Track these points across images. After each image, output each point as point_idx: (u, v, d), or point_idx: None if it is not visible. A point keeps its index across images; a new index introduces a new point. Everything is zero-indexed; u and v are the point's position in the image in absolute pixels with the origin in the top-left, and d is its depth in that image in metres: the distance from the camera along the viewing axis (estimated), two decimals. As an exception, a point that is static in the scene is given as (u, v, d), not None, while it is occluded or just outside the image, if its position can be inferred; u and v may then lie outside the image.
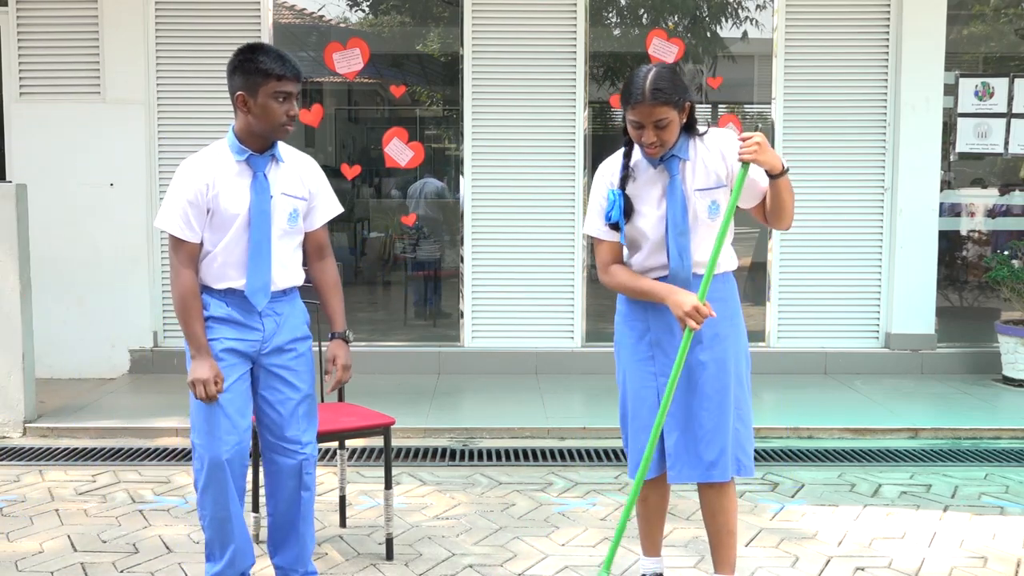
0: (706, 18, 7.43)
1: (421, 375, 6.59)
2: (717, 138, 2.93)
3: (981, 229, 7.47)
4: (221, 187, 2.92)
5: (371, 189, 7.77)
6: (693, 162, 2.90)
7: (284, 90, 2.92)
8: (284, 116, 2.93)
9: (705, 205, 2.89)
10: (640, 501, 3.11)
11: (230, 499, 2.96)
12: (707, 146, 2.92)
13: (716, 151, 2.91)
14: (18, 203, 5.25)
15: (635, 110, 2.77)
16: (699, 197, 2.89)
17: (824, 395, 6.20)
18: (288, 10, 7.05)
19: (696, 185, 2.89)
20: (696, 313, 2.79)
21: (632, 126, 2.82)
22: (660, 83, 2.75)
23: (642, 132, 2.79)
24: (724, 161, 2.90)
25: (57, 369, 6.57)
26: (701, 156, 2.90)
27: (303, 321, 3.15)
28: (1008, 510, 4.18)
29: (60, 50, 6.55)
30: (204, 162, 2.96)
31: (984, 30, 7.45)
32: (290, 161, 3.09)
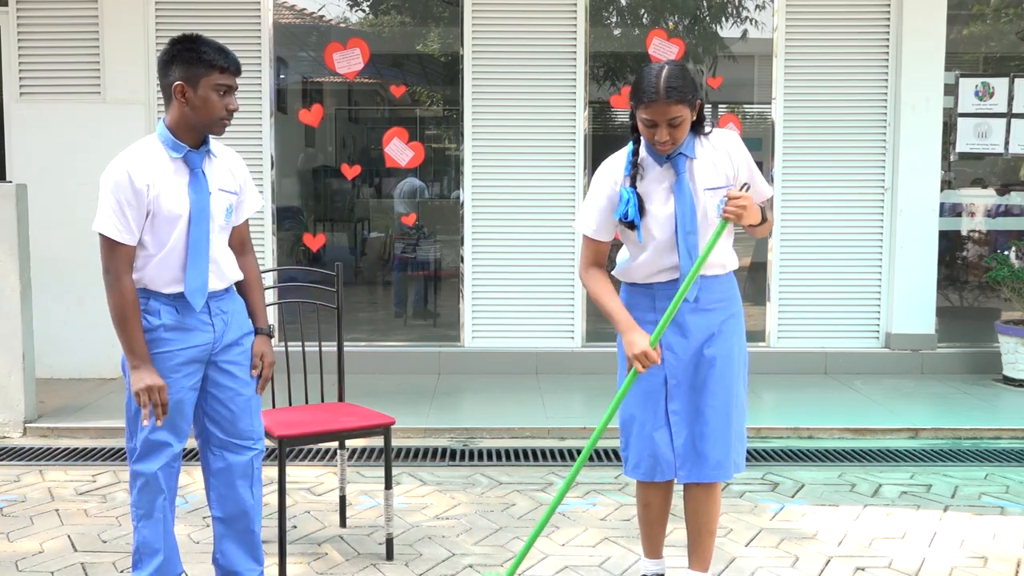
0: (706, 18, 7.43)
1: (421, 375, 6.59)
2: (723, 138, 2.92)
3: (981, 229, 7.47)
4: (161, 187, 2.80)
5: (371, 189, 7.77)
6: (701, 160, 2.88)
7: (226, 83, 2.82)
8: (224, 110, 2.83)
9: (715, 204, 2.86)
10: (644, 506, 3.11)
11: (167, 506, 2.94)
12: (713, 145, 2.90)
13: (723, 151, 2.90)
14: (18, 203, 5.25)
15: (649, 108, 2.74)
16: (708, 196, 2.87)
17: (824, 395, 6.20)
18: (288, 10, 7.05)
19: (705, 184, 2.87)
20: (644, 358, 2.80)
21: (644, 124, 2.79)
22: (674, 81, 2.74)
23: (655, 131, 2.77)
24: (731, 161, 2.90)
25: (57, 369, 6.57)
26: (708, 155, 2.89)
27: (245, 316, 3.10)
28: (1008, 510, 4.18)
29: (60, 50, 6.55)
30: (139, 161, 2.80)
31: (984, 30, 7.45)
32: (220, 155, 2.99)
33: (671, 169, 2.87)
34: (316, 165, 7.69)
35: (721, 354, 2.96)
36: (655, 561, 3.20)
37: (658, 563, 3.20)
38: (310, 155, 7.68)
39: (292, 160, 7.41)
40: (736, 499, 4.31)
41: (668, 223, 2.88)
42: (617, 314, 2.91)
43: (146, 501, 2.92)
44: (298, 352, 3.92)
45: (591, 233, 2.98)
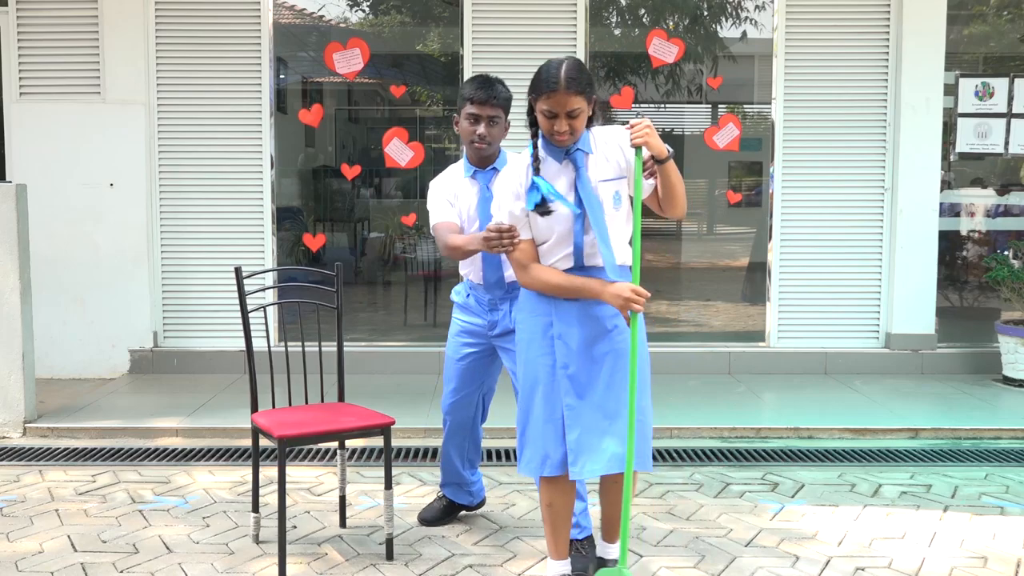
0: (706, 18, 7.43)
1: (421, 375, 6.58)
2: (611, 131, 3.04)
3: (981, 229, 7.47)
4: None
5: (371, 189, 7.77)
6: (595, 155, 3.00)
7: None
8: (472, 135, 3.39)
9: (610, 195, 2.98)
10: (547, 506, 3.13)
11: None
12: (604, 139, 3.03)
13: (614, 143, 3.01)
14: (18, 203, 5.25)
15: (550, 99, 2.85)
16: (603, 188, 2.98)
17: (824, 395, 6.20)
18: (288, 10, 7.05)
19: (600, 176, 2.99)
20: (636, 295, 2.85)
21: (544, 116, 2.89)
22: (574, 73, 2.85)
23: (555, 122, 2.87)
24: (623, 152, 3.00)
25: (57, 369, 6.57)
26: (601, 149, 3.01)
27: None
28: (1008, 510, 4.18)
29: (60, 50, 6.55)
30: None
31: (984, 30, 7.45)
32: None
33: (570, 165, 2.98)
34: (316, 165, 7.69)
35: (614, 350, 3.02)
36: (562, 562, 3.20)
37: (565, 564, 3.20)
38: (310, 155, 7.68)
39: (292, 160, 7.41)
40: (736, 499, 4.31)
41: (567, 218, 2.97)
42: (586, 283, 2.95)
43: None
44: (298, 352, 3.93)
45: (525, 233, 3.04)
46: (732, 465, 4.83)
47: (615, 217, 2.99)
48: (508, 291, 3.54)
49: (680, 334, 7.45)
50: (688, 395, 6.16)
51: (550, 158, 2.99)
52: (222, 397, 6.01)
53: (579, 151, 2.96)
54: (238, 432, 5.23)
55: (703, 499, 4.31)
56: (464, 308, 3.67)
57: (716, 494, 4.38)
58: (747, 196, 7.51)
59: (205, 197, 6.70)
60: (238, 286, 3.66)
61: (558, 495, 3.09)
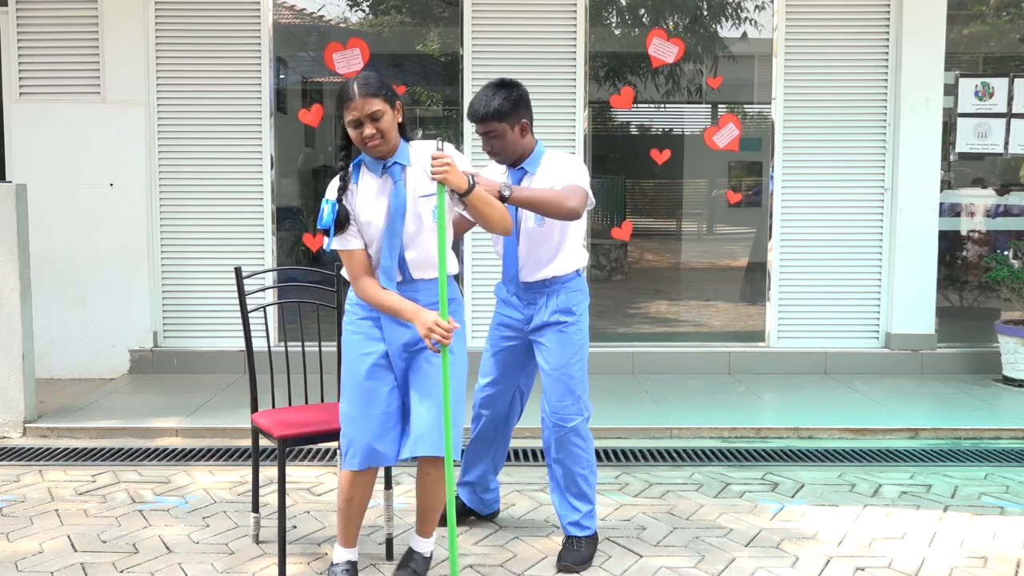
0: (706, 18, 7.43)
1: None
2: (428, 147, 3.10)
3: (981, 229, 7.47)
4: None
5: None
6: (413, 168, 3.09)
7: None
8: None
9: (429, 209, 3.08)
10: (346, 500, 3.18)
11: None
12: (423, 153, 3.11)
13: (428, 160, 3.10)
14: (18, 203, 5.25)
15: (350, 109, 2.98)
16: (423, 203, 3.08)
17: (824, 395, 6.20)
18: (288, 10, 7.05)
19: (420, 191, 3.08)
20: (437, 328, 2.93)
21: (352, 127, 3.00)
22: (367, 79, 3.01)
23: (362, 129, 2.98)
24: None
25: (57, 369, 6.57)
26: (419, 162, 3.10)
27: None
28: (1008, 510, 4.18)
29: (60, 50, 6.55)
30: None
31: (984, 30, 7.45)
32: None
33: (389, 179, 3.08)
34: (316, 165, 7.69)
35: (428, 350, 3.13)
36: (351, 550, 3.30)
37: (353, 551, 3.30)
38: (310, 155, 7.68)
39: (292, 160, 7.41)
40: (736, 499, 4.31)
41: (380, 231, 3.08)
42: (400, 305, 3.04)
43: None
44: (298, 352, 3.92)
45: (342, 245, 3.10)
46: (732, 465, 4.83)
47: (429, 224, 3.07)
48: (543, 287, 3.53)
49: (680, 334, 7.45)
50: (688, 395, 6.16)
51: (370, 173, 3.10)
52: (222, 397, 6.01)
53: (396, 164, 3.06)
54: (238, 432, 5.23)
55: (703, 499, 4.31)
56: (504, 302, 3.67)
57: (716, 494, 4.38)
58: (747, 196, 7.51)
59: (205, 197, 6.70)
60: (238, 286, 3.66)
61: (359, 490, 3.16)
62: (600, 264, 7.48)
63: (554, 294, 3.53)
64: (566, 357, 3.52)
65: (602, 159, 7.45)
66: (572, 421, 3.53)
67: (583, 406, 3.57)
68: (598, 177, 7.23)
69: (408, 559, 3.33)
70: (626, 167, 7.79)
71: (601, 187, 7.43)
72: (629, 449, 5.08)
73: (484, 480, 3.88)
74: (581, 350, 3.57)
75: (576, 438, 3.54)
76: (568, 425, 3.52)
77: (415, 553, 3.33)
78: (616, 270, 7.54)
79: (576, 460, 3.56)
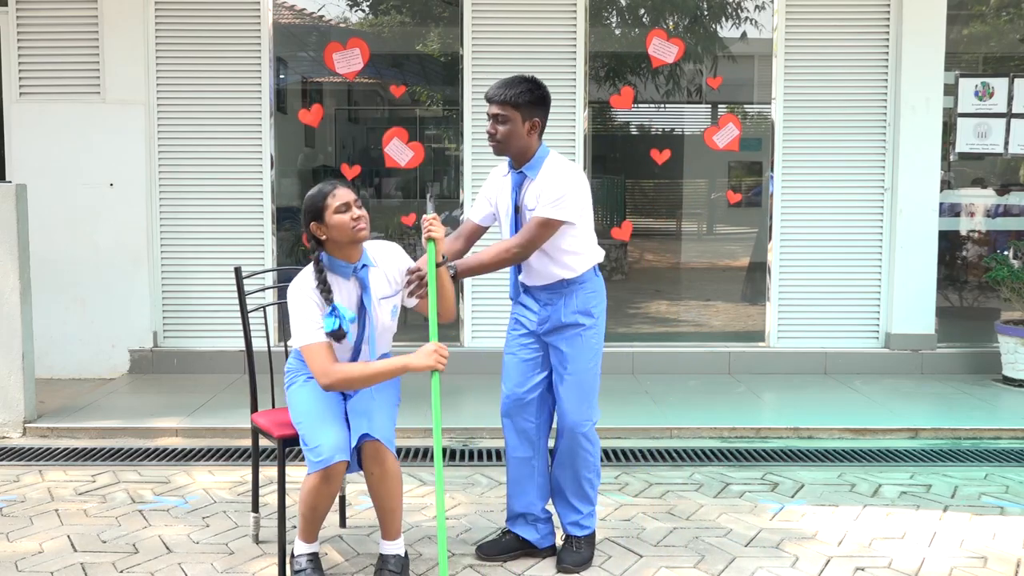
0: (706, 18, 7.43)
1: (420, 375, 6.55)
2: (384, 247, 3.40)
3: (981, 229, 7.47)
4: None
5: (371, 189, 7.77)
6: (376, 269, 3.33)
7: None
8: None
9: (388, 311, 3.35)
10: (312, 508, 3.21)
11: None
12: (382, 255, 3.37)
13: (391, 260, 3.38)
14: (18, 203, 5.25)
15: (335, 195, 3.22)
16: (384, 305, 3.33)
17: (824, 395, 6.20)
18: (288, 10, 7.05)
19: (380, 294, 3.32)
20: (437, 354, 3.18)
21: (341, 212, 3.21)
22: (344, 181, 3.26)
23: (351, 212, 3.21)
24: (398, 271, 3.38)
25: (57, 369, 6.57)
26: (381, 264, 3.35)
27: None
28: (1008, 510, 4.18)
29: (60, 50, 6.55)
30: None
31: (984, 30, 7.45)
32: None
33: (357, 282, 3.30)
34: (316, 165, 7.69)
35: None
36: (312, 543, 3.33)
37: (314, 544, 3.34)
38: (310, 155, 7.68)
39: (292, 160, 7.41)
40: (736, 499, 4.31)
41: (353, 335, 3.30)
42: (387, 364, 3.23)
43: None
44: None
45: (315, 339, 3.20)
46: (732, 465, 4.83)
47: (389, 328, 3.38)
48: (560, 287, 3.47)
49: (680, 334, 7.45)
50: (688, 395, 6.16)
51: (336, 275, 3.29)
52: (222, 397, 6.01)
53: (365, 267, 3.30)
54: (238, 432, 5.23)
55: (703, 499, 4.31)
56: (520, 303, 3.63)
57: (716, 494, 4.38)
58: (747, 196, 7.52)
59: (205, 197, 6.70)
60: (238, 286, 3.66)
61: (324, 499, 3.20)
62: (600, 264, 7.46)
63: (571, 295, 3.47)
64: (584, 362, 3.46)
65: (602, 159, 7.45)
66: (584, 426, 3.49)
67: (595, 410, 3.55)
68: (598, 177, 7.24)
69: (383, 565, 3.32)
70: (626, 167, 7.79)
71: (601, 187, 7.44)
72: (629, 449, 5.08)
73: (535, 509, 3.61)
74: (597, 354, 3.52)
75: (585, 442, 3.51)
76: (581, 430, 3.48)
77: (388, 557, 3.33)
78: (616, 270, 7.54)
79: (584, 464, 3.52)
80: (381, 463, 3.20)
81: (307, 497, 3.19)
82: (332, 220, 3.21)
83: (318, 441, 3.14)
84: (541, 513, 3.62)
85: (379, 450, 3.17)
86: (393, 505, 3.28)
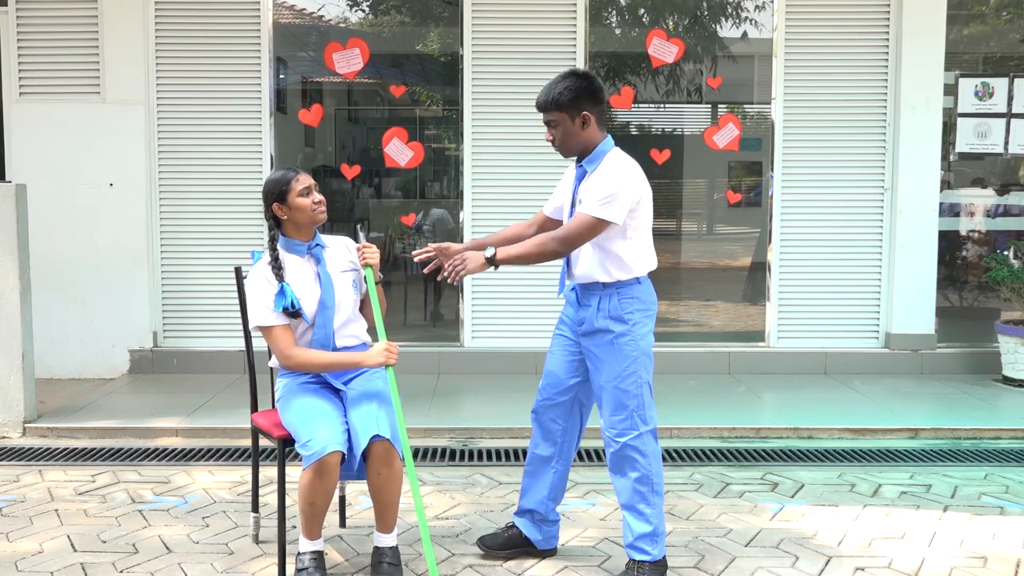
0: (706, 18, 7.43)
1: (421, 375, 6.59)
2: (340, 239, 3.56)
3: (981, 229, 7.47)
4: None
5: (371, 189, 7.77)
6: (330, 249, 3.49)
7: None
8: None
9: (349, 283, 3.47)
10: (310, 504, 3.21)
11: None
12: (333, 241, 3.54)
13: (342, 246, 3.54)
14: (18, 203, 5.25)
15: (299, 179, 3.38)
16: (343, 278, 3.45)
17: (824, 395, 6.20)
18: (288, 10, 7.05)
19: (339, 268, 3.46)
20: (387, 351, 3.28)
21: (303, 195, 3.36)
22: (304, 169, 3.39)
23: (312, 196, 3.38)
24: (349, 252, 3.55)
25: (57, 369, 6.57)
26: (334, 246, 3.52)
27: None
28: (1008, 510, 4.18)
29: (60, 50, 6.56)
30: None
31: (984, 30, 7.45)
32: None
33: (312, 259, 3.42)
34: (316, 165, 7.69)
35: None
36: (316, 541, 3.32)
37: (318, 542, 3.33)
38: (310, 155, 7.68)
39: (292, 160, 7.41)
40: (736, 499, 4.31)
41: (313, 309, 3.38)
42: (343, 356, 3.34)
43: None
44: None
45: (274, 321, 3.33)
46: (732, 465, 4.83)
47: (352, 299, 3.48)
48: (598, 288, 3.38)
49: (680, 334, 7.45)
50: (688, 395, 6.16)
51: (292, 255, 3.43)
52: (222, 397, 6.01)
53: (318, 246, 3.46)
54: (238, 432, 5.23)
55: (703, 499, 4.31)
56: (567, 299, 3.58)
57: (716, 494, 4.38)
58: (747, 196, 7.51)
59: (205, 197, 6.71)
60: (238, 286, 3.66)
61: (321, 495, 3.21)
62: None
63: (607, 298, 3.37)
64: (618, 370, 3.33)
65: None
66: (626, 436, 3.32)
67: (639, 420, 3.35)
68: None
69: (380, 558, 3.34)
70: (626, 167, 7.77)
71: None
72: (629, 449, 5.07)
73: (544, 508, 3.58)
74: (636, 363, 3.37)
75: (634, 453, 3.32)
76: (622, 440, 3.33)
77: (384, 549, 3.37)
78: (616, 270, 7.52)
79: (636, 474, 3.32)
80: (390, 464, 3.24)
81: (303, 493, 3.20)
82: (295, 202, 3.37)
83: (309, 435, 3.18)
84: (550, 514, 3.59)
85: (389, 451, 3.22)
86: (394, 500, 3.35)
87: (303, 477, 3.18)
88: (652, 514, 3.32)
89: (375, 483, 3.28)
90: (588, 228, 3.24)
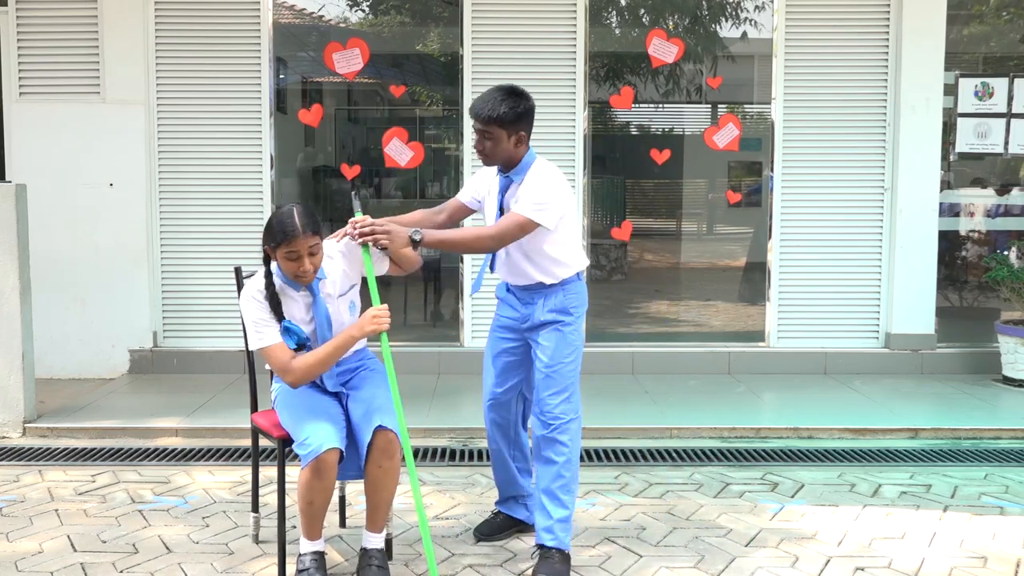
0: (706, 18, 7.43)
1: (421, 375, 6.59)
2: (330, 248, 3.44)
3: (981, 229, 7.47)
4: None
5: (371, 189, 7.77)
6: (327, 279, 3.39)
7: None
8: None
9: (346, 306, 3.43)
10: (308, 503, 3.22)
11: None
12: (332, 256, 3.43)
13: (337, 258, 3.43)
14: (18, 203, 5.25)
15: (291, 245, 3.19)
16: (341, 302, 3.41)
17: (824, 395, 6.20)
18: (288, 10, 7.05)
19: (337, 292, 3.41)
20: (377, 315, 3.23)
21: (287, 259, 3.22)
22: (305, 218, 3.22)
23: (299, 263, 3.21)
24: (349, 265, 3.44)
25: (57, 369, 6.57)
26: (331, 273, 3.40)
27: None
28: (1008, 510, 4.18)
29: (60, 50, 6.55)
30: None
31: (984, 30, 7.45)
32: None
33: (308, 294, 3.35)
34: (316, 165, 7.69)
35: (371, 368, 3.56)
36: (317, 541, 3.33)
37: (319, 543, 3.34)
38: (310, 155, 7.68)
39: (292, 160, 7.41)
40: (736, 499, 4.31)
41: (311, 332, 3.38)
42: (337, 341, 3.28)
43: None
44: (298, 352, 3.91)
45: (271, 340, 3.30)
46: (732, 465, 4.83)
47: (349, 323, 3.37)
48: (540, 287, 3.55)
49: (680, 334, 7.45)
50: (688, 395, 6.16)
51: (288, 287, 3.35)
52: (222, 397, 6.01)
53: (317, 280, 3.35)
54: (238, 432, 5.23)
55: (703, 499, 4.31)
56: (503, 301, 3.71)
57: (716, 494, 4.38)
58: (747, 196, 7.52)
59: (205, 197, 6.70)
60: (238, 286, 3.66)
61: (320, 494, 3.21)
62: (600, 264, 7.47)
63: (552, 294, 3.56)
64: (562, 355, 3.53)
65: (602, 159, 7.45)
66: (563, 418, 3.50)
67: (575, 405, 3.55)
68: (598, 177, 7.23)
69: (368, 561, 3.33)
70: (626, 167, 7.79)
71: (601, 187, 7.43)
72: (629, 449, 5.08)
73: (519, 488, 3.83)
74: (576, 352, 3.58)
75: (564, 436, 3.49)
76: (557, 423, 3.50)
77: (372, 551, 3.36)
78: (616, 270, 7.54)
79: (560, 459, 3.48)
80: (391, 456, 3.26)
81: (302, 493, 3.20)
82: (280, 259, 3.26)
83: (306, 434, 3.18)
84: (528, 491, 3.81)
85: (392, 442, 3.25)
86: (389, 496, 3.37)
87: (301, 476, 3.18)
88: (569, 500, 3.51)
89: (374, 475, 3.28)
90: (519, 228, 3.42)
